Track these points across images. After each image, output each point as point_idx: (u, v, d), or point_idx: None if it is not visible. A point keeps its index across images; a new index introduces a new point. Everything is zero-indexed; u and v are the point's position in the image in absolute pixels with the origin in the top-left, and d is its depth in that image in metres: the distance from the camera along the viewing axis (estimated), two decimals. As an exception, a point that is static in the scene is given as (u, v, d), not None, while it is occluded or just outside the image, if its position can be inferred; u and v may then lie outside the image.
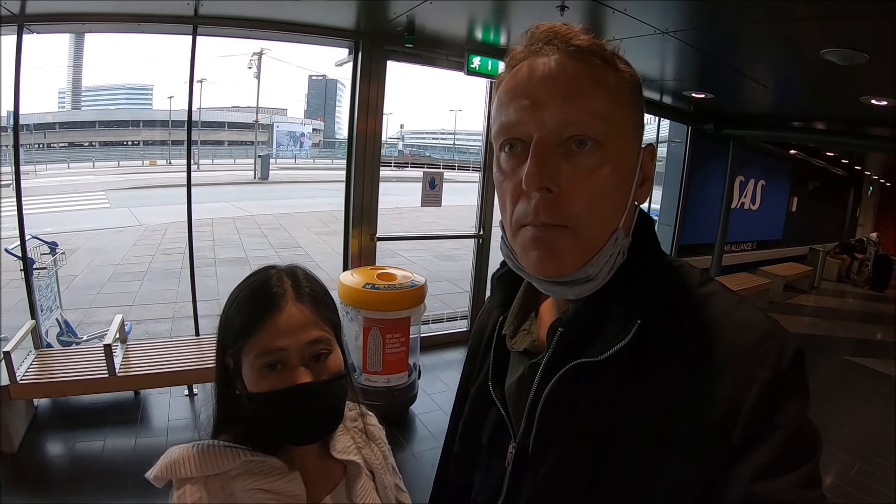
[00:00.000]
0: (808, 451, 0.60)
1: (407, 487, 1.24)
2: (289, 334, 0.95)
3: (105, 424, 3.79)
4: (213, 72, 58.39)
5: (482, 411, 0.88)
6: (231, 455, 0.96)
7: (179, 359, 3.94)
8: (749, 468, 0.57)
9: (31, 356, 3.77)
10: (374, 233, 5.19)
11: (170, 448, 0.97)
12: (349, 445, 1.13)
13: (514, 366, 0.83)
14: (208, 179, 23.31)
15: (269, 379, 0.94)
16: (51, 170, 30.29)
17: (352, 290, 3.97)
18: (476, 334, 0.99)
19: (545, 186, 0.65)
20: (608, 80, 0.68)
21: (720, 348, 0.63)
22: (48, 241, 4.86)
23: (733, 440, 0.58)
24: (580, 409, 0.69)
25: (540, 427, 0.73)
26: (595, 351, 0.68)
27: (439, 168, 31.25)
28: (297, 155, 53.57)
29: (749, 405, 0.59)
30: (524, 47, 0.71)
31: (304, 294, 1.00)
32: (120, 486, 3.13)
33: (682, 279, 0.72)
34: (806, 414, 0.62)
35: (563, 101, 0.65)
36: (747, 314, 0.67)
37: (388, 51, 4.86)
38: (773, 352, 0.62)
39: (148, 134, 50.98)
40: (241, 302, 1.01)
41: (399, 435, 4.04)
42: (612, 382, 0.67)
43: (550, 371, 0.72)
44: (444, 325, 6.23)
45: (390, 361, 4.08)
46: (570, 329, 0.72)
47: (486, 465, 0.86)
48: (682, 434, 0.61)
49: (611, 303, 0.70)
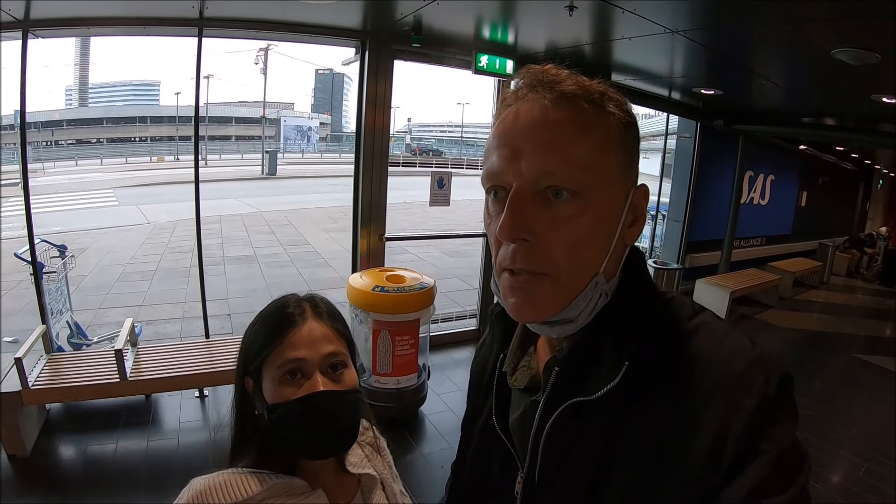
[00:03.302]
0: (795, 474, 0.61)
1: (417, 487, 1.26)
2: (308, 345, 0.99)
3: (117, 427, 3.82)
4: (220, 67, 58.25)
5: (489, 445, 0.90)
6: (255, 480, 0.98)
7: (190, 361, 3.96)
8: (737, 492, 0.58)
9: (42, 361, 3.80)
10: (382, 233, 5.20)
11: (192, 480, 0.99)
12: (362, 458, 1.15)
13: (516, 402, 0.86)
14: (216, 175, 23.35)
15: (289, 388, 0.97)
16: (59, 167, 30.39)
17: (361, 292, 3.98)
18: (478, 369, 1.01)
19: (519, 237, 0.67)
20: (593, 126, 0.68)
21: (709, 378, 0.65)
22: (57, 244, 4.88)
23: (723, 467, 0.60)
24: (579, 444, 0.72)
25: (544, 460, 0.76)
26: (589, 390, 0.71)
27: (447, 166, 31.20)
28: (304, 149, 53.68)
29: (737, 432, 0.60)
30: (513, 92, 0.73)
31: (322, 313, 1.06)
32: (133, 488, 3.18)
33: (673, 313, 0.74)
34: (793, 437, 0.63)
35: (540, 151, 0.67)
36: (735, 343, 0.68)
37: (395, 50, 4.86)
38: (760, 379, 0.63)
39: (155, 130, 50.96)
40: (262, 320, 1.05)
41: (409, 436, 4.05)
42: (607, 417, 0.69)
43: (549, 409, 0.75)
44: (452, 323, 6.26)
45: (400, 363, 4.09)
46: (565, 368, 0.75)
47: (497, 494, 0.88)
48: (676, 463, 0.62)
49: (602, 342, 0.72)
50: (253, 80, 64.60)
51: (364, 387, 4.11)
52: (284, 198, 19.41)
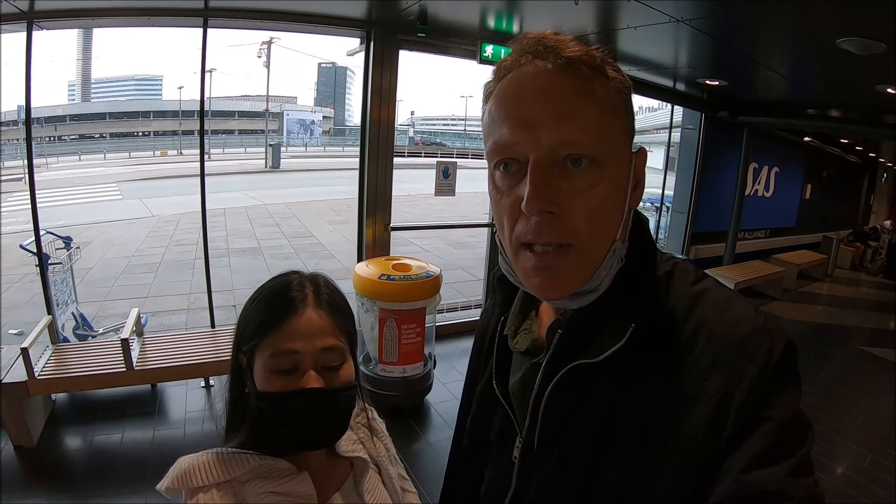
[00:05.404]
0: (799, 441, 0.60)
1: (423, 475, 1.25)
2: (304, 338, 0.95)
3: (123, 417, 3.83)
4: (223, 61, 58.41)
5: (489, 409, 0.90)
6: (240, 460, 0.97)
7: (195, 351, 3.97)
8: (739, 460, 0.59)
9: (48, 351, 3.80)
10: (388, 222, 5.21)
11: (179, 458, 0.99)
12: (354, 441, 1.14)
13: (517, 365, 0.85)
14: (219, 169, 23.36)
15: (279, 379, 0.94)
16: (62, 162, 30.43)
17: (367, 281, 3.98)
18: (480, 331, 1.01)
19: (546, 210, 0.65)
20: (600, 93, 0.67)
21: (712, 345, 0.65)
22: (62, 235, 4.89)
23: (725, 434, 0.60)
24: (581, 408, 0.71)
25: (544, 424, 0.76)
26: (593, 353, 0.70)
27: (452, 156, 31.13)
28: (307, 142, 53.65)
29: (739, 399, 0.61)
30: (513, 58, 0.70)
31: (323, 301, 1.01)
32: (139, 477, 3.17)
33: (677, 278, 0.74)
34: (796, 405, 0.63)
35: (558, 121, 0.64)
36: (738, 310, 0.68)
37: (400, 40, 4.85)
38: (763, 347, 0.63)
39: (158, 124, 51.07)
40: (260, 301, 1.02)
41: (415, 424, 4.07)
42: (610, 381, 0.69)
43: (551, 371, 0.75)
44: (458, 313, 6.28)
45: (406, 352, 4.10)
46: (569, 331, 0.74)
47: (496, 459, 0.88)
48: (678, 430, 0.62)
49: (607, 305, 0.71)
50: (256, 74, 64.76)
51: (370, 375, 4.13)
52: (288, 191, 19.41)
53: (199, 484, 0.94)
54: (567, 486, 0.71)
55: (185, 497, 0.95)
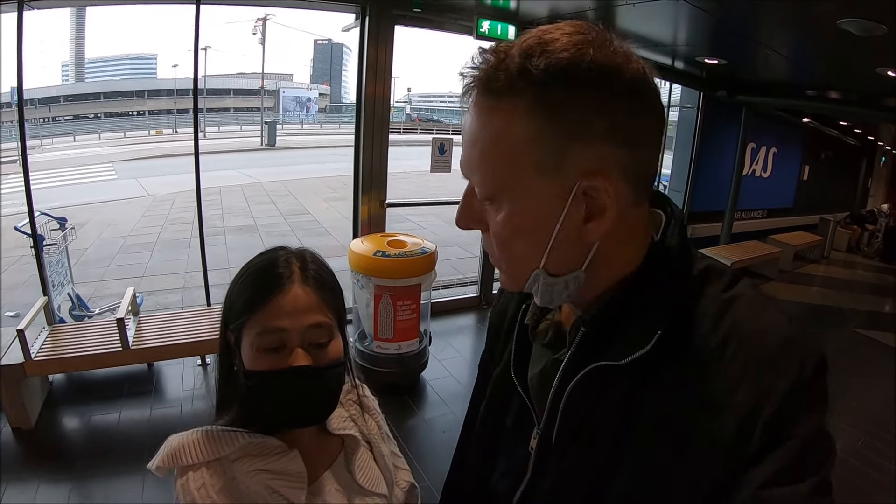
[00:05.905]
0: (821, 460, 0.60)
1: (419, 452, 1.24)
2: (291, 315, 0.94)
3: (120, 397, 3.83)
4: (218, 39, 57.82)
5: (506, 397, 0.89)
6: (230, 438, 0.97)
7: (191, 329, 3.98)
8: (759, 475, 0.57)
9: (44, 332, 3.79)
10: (383, 199, 5.19)
11: (169, 437, 0.99)
12: (345, 419, 1.13)
13: (537, 357, 0.84)
14: (215, 147, 23.28)
15: (267, 357, 0.93)
16: (56, 143, 30.21)
17: (362, 257, 3.97)
18: (497, 315, 0.99)
19: (466, 228, 0.73)
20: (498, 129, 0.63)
21: (741, 355, 0.62)
22: (57, 216, 4.86)
23: (750, 449, 0.59)
24: (601, 408, 0.70)
25: (563, 421, 0.75)
26: (616, 354, 0.68)
27: (449, 133, 30.97)
28: (303, 120, 53.43)
29: (767, 415, 0.59)
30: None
31: (309, 277, 0.99)
32: (137, 456, 3.15)
33: (709, 282, 0.71)
34: (822, 424, 0.62)
35: (469, 170, 0.69)
36: (771, 320, 0.66)
37: (395, 15, 4.79)
38: (795, 361, 0.62)
39: (153, 103, 50.63)
40: (247, 279, 1.00)
41: (410, 401, 4.08)
42: (632, 384, 0.67)
43: (572, 369, 0.73)
44: (454, 290, 6.30)
45: (401, 328, 4.10)
46: (593, 330, 0.72)
47: (511, 448, 0.88)
48: (699, 438, 0.61)
49: (634, 307, 0.69)
50: (251, 51, 64.21)
51: (365, 352, 4.14)
52: (284, 168, 19.38)
53: (189, 462, 0.94)
54: (581, 483, 0.71)
55: (176, 475, 0.95)
